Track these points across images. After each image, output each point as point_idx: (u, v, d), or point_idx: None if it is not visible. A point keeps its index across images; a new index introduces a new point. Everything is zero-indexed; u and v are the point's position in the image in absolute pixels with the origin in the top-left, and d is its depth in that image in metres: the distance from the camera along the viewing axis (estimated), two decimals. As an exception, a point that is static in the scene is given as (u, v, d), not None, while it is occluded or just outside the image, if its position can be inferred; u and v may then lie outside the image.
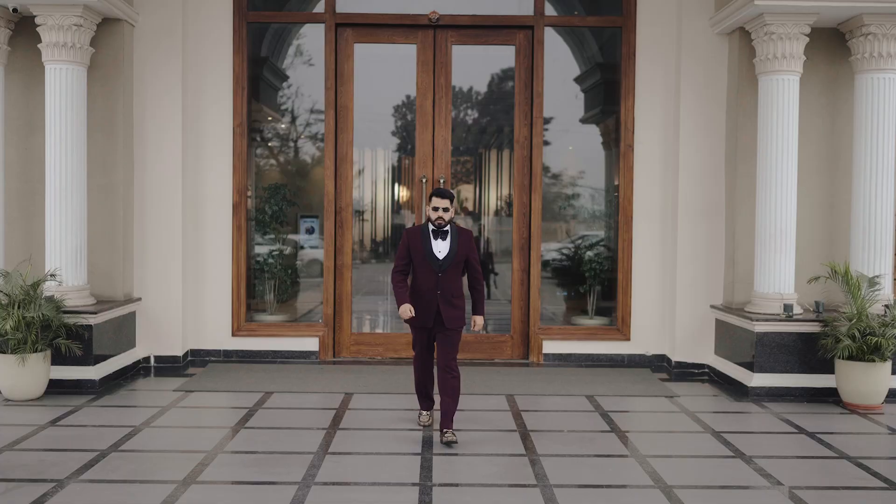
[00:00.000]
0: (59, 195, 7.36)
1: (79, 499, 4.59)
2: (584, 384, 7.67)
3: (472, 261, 5.97)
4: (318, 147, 9.28)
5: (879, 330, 6.73)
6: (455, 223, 6.22)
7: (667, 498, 4.72)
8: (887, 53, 7.39)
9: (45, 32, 7.35)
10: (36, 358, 6.75)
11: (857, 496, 4.84)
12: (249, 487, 4.84)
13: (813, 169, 7.97)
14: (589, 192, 9.27)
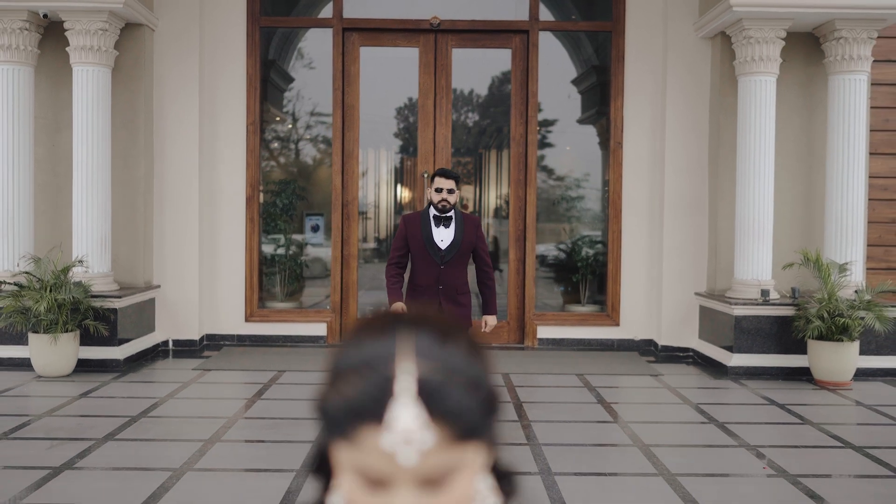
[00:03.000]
0: (85, 188, 7.90)
1: (117, 453, 5.14)
2: (575, 365, 8.20)
3: (481, 251, 5.45)
4: (319, 148, 9.81)
5: (847, 312, 7.26)
6: (460, 209, 5.71)
7: (644, 455, 5.26)
8: (857, 56, 7.92)
9: (73, 37, 7.89)
10: (66, 337, 7.29)
11: (814, 453, 5.38)
12: (268, 444, 5.39)
13: (790, 164, 8.50)
14: (587, 191, 9.78)
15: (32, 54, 8.07)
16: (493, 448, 0.92)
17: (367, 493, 0.86)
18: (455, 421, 0.83)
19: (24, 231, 7.95)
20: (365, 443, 0.84)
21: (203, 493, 4.51)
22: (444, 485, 0.86)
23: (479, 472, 0.89)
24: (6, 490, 4.42)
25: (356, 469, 0.86)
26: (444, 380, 0.84)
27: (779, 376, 7.73)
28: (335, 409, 0.85)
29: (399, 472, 0.83)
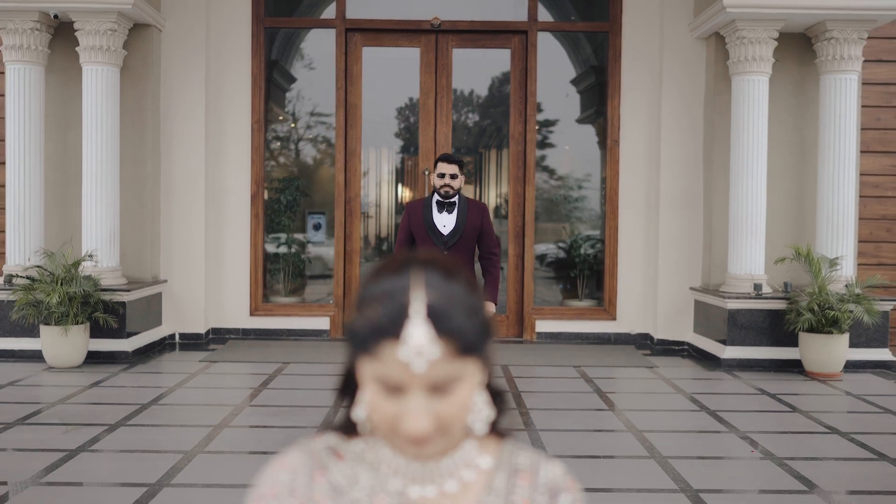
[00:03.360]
0: (94, 185, 8.10)
1: (129, 437, 5.34)
2: (572, 357, 8.40)
3: (487, 237, 5.38)
4: (321, 147, 10.01)
5: (837, 305, 7.46)
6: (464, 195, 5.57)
7: (637, 440, 5.46)
8: (849, 56, 8.12)
9: (83, 37, 8.09)
10: (77, 329, 7.49)
11: (802, 438, 5.58)
12: (274, 430, 5.59)
13: (783, 161, 8.70)
14: (587, 191, 9.97)
15: (43, 54, 8.26)
16: (488, 368, 1.14)
17: (386, 399, 1.07)
18: (456, 338, 1.05)
19: (35, 226, 8.14)
20: (385, 355, 1.05)
21: (213, 473, 4.71)
22: (448, 392, 1.07)
23: (477, 387, 1.10)
24: (25, 470, 4.62)
25: (377, 379, 1.07)
26: (448, 306, 1.06)
27: (771, 368, 7.92)
28: (362, 329, 1.06)
29: (412, 379, 1.04)
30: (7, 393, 6.52)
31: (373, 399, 1.08)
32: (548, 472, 1.18)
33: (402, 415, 1.06)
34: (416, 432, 1.05)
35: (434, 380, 1.05)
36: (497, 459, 1.18)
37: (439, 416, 1.06)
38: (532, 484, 1.16)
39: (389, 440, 1.11)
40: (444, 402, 1.06)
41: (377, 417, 1.09)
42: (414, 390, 1.05)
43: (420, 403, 1.05)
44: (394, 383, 1.05)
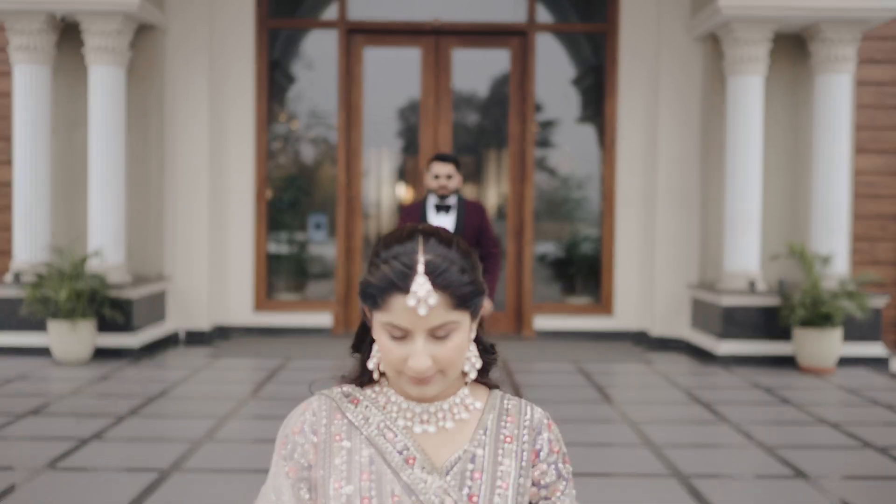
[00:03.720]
0: (100, 183, 8.23)
1: (140, 426, 5.49)
2: (569, 352, 8.55)
3: (486, 237, 5.32)
4: (321, 147, 10.16)
5: (830, 300, 7.60)
6: (463, 195, 5.50)
7: (632, 430, 5.60)
8: (842, 56, 8.26)
9: (89, 38, 8.22)
10: (84, 324, 7.63)
11: (793, 429, 5.72)
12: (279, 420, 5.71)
13: (778, 160, 8.83)
14: (587, 191, 10.11)
15: (50, 54, 8.38)
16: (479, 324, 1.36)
17: (394, 344, 1.29)
18: (451, 291, 1.27)
19: (42, 224, 8.28)
20: (394, 305, 1.27)
21: (221, 460, 4.85)
22: (445, 339, 1.28)
23: (469, 339, 1.27)
24: (39, 457, 4.77)
25: (387, 328, 1.28)
26: (445, 265, 1.27)
27: (766, 363, 8.06)
28: (376, 284, 1.29)
29: (416, 324, 1.26)
30: (16, 386, 6.67)
31: (383, 345, 1.29)
32: (531, 414, 1.41)
33: (407, 357, 1.27)
34: (419, 369, 1.26)
35: (433, 325, 1.26)
36: (487, 403, 1.40)
37: (438, 358, 1.28)
38: (517, 423, 1.38)
39: (396, 382, 1.31)
40: (442, 347, 1.28)
41: (387, 361, 1.30)
42: (417, 335, 1.27)
43: (423, 346, 1.27)
44: (401, 330, 1.27)
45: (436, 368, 1.28)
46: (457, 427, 1.35)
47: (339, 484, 1.30)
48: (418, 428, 1.34)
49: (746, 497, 4.43)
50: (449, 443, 1.34)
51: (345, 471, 1.30)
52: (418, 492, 1.28)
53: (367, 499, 1.27)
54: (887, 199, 9.35)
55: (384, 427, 1.34)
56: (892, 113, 9.32)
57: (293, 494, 1.31)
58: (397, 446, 1.32)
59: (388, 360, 1.29)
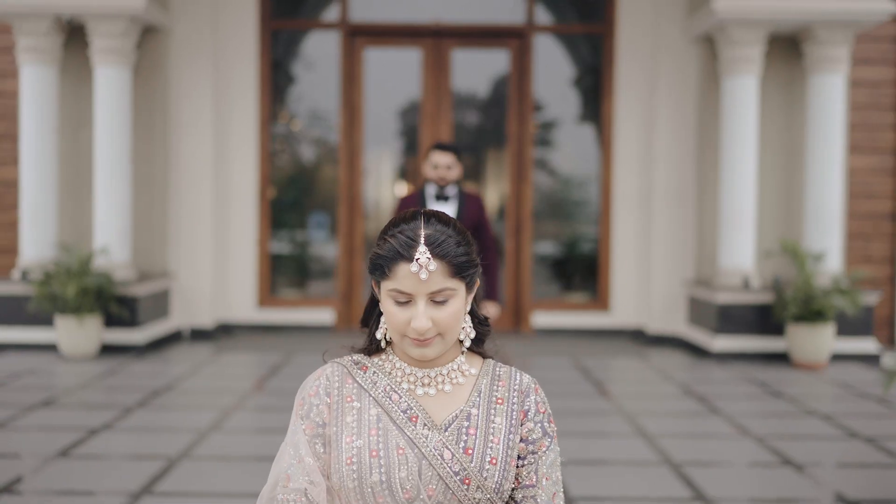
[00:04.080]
0: (106, 182, 8.38)
1: (148, 417, 5.65)
2: (567, 348, 8.70)
3: (484, 232, 5.14)
4: (322, 147, 10.32)
5: (822, 297, 7.75)
6: (462, 187, 5.34)
7: (627, 421, 5.76)
8: (835, 57, 8.41)
9: (95, 39, 8.37)
10: (91, 320, 7.78)
11: (783, 420, 5.88)
12: (283, 412, 5.88)
13: (773, 159, 8.98)
14: (586, 191, 10.27)
15: (57, 55, 8.53)
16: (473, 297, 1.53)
17: (399, 309, 1.47)
18: (448, 261, 1.45)
19: (49, 222, 8.42)
20: (399, 272, 1.45)
21: (228, 448, 5.01)
22: (443, 305, 1.46)
23: (465, 309, 1.43)
24: (52, 445, 4.92)
25: (393, 294, 1.46)
26: (443, 238, 1.46)
27: (760, 359, 8.21)
28: (384, 255, 1.47)
29: (418, 288, 1.44)
30: (26, 380, 6.82)
31: (389, 311, 1.48)
32: (520, 380, 1.59)
33: (410, 320, 1.45)
34: (420, 329, 1.45)
35: (433, 290, 1.44)
36: (481, 370, 1.58)
37: (437, 320, 1.46)
38: (508, 387, 1.56)
39: (400, 346, 1.47)
40: (441, 311, 1.46)
41: (392, 326, 1.47)
42: (419, 299, 1.45)
43: (423, 309, 1.45)
44: (405, 295, 1.45)
45: (435, 331, 1.46)
46: (454, 390, 1.53)
47: (350, 439, 1.46)
48: (420, 390, 1.52)
49: (735, 483, 4.58)
50: (447, 403, 1.51)
51: (355, 427, 1.47)
52: (420, 445, 1.45)
53: (374, 451, 1.44)
54: (881, 197, 9.49)
55: (390, 390, 1.52)
56: (886, 113, 9.47)
57: (310, 449, 1.48)
58: (401, 406, 1.49)
59: (393, 325, 1.48)
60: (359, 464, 1.43)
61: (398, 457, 1.44)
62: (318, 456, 1.48)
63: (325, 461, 1.48)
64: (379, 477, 1.42)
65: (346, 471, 1.44)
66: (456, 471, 1.44)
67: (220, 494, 4.26)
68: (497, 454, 1.47)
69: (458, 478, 1.43)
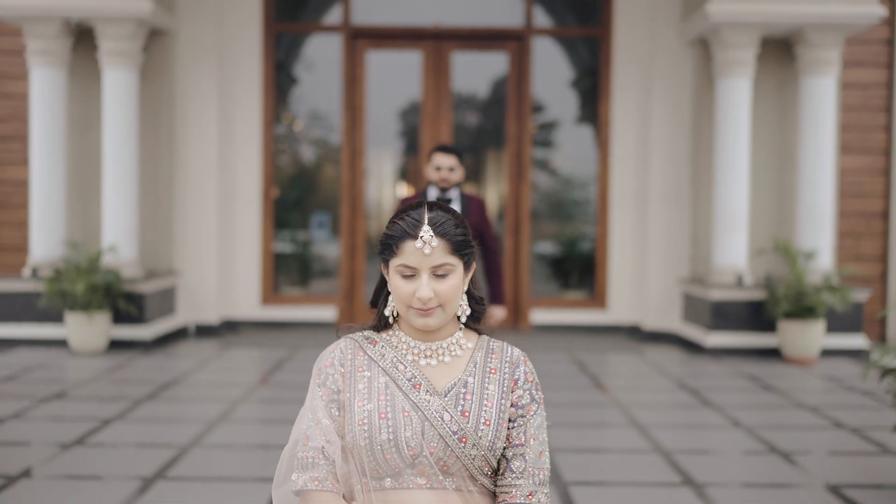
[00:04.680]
0: (114, 181, 8.58)
1: (159, 409, 5.85)
2: (565, 344, 8.90)
3: (486, 235, 5.15)
4: (323, 148, 10.53)
5: (813, 293, 7.95)
6: (464, 189, 5.29)
7: (621, 413, 5.95)
8: (826, 60, 8.60)
9: (104, 42, 8.57)
10: (100, 316, 7.98)
11: (771, 411, 6.07)
12: (288, 403, 6.08)
13: (766, 159, 9.18)
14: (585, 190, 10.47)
15: (65, 58, 8.73)
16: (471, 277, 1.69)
17: (404, 283, 1.68)
18: (448, 239, 1.67)
19: (58, 221, 8.62)
20: (406, 249, 1.66)
21: (237, 437, 5.21)
22: (444, 277, 1.68)
23: (463, 287, 1.63)
24: (66, 434, 5.12)
25: (400, 269, 1.68)
26: (444, 220, 1.67)
27: (752, 354, 8.41)
28: (393, 235, 1.69)
29: (422, 262, 1.66)
30: (37, 374, 7.01)
31: (396, 285, 1.69)
32: (510, 353, 1.80)
33: (415, 291, 1.66)
34: (424, 298, 1.66)
35: (435, 264, 1.66)
36: (477, 345, 1.80)
37: (438, 291, 1.67)
38: (500, 359, 1.77)
39: (405, 317, 1.66)
40: (442, 284, 1.68)
41: (398, 298, 1.67)
42: (423, 272, 1.66)
43: (426, 281, 1.66)
44: (411, 269, 1.67)
45: (436, 302, 1.67)
46: (453, 361, 1.74)
47: (361, 403, 1.67)
48: (423, 361, 1.73)
49: (723, 469, 4.78)
50: (447, 373, 1.73)
51: (366, 393, 1.67)
52: (423, 408, 1.65)
53: (383, 414, 1.64)
54: (872, 197, 9.69)
55: (396, 361, 1.73)
56: (877, 114, 9.66)
57: (326, 412, 1.68)
58: (406, 375, 1.70)
59: (400, 297, 1.69)
60: (369, 425, 1.64)
61: (404, 419, 1.64)
62: (333, 418, 1.68)
63: (339, 423, 1.68)
64: (387, 436, 1.63)
65: (359, 431, 1.64)
66: (454, 430, 1.64)
67: (230, 479, 4.46)
68: (490, 416, 1.67)
69: (455, 437, 1.64)
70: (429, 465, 1.64)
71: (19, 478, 4.38)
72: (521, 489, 1.67)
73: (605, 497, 4.26)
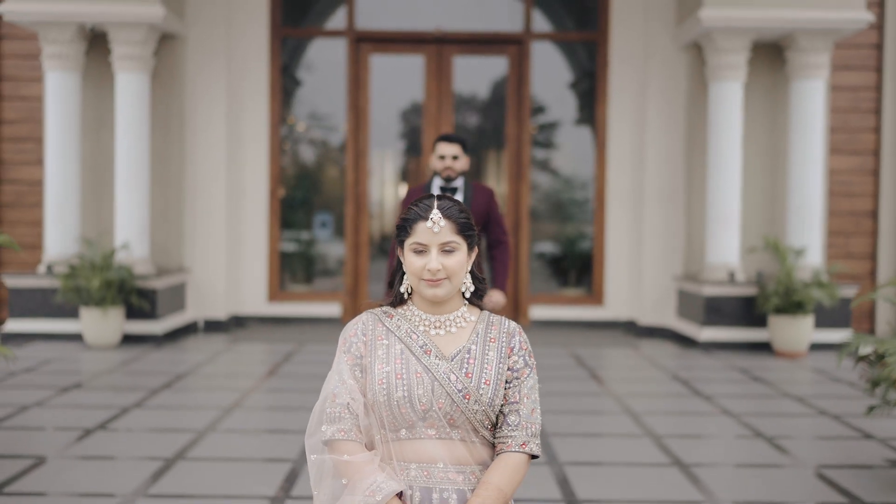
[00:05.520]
0: (126, 181, 8.86)
1: (174, 397, 6.14)
2: (563, 339, 9.19)
3: (496, 224, 5.08)
4: (327, 149, 10.83)
5: (801, 289, 8.25)
6: (469, 179, 5.18)
7: (616, 401, 6.25)
8: (816, 64, 8.90)
9: (116, 47, 8.86)
10: (114, 311, 8.27)
11: (758, 400, 6.37)
12: (296, 392, 6.38)
13: (757, 160, 9.47)
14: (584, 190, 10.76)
15: (79, 62, 9.01)
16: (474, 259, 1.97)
17: (417, 258, 1.97)
18: (453, 220, 1.97)
19: (72, 219, 8.91)
20: (419, 229, 1.96)
21: (250, 422, 5.50)
22: (451, 253, 1.97)
23: (467, 266, 1.92)
24: (88, 420, 5.41)
25: (413, 246, 1.97)
26: (450, 206, 1.97)
27: (744, 348, 8.70)
28: (409, 218, 1.98)
29: (432, 240, 1.95)
30: (55, 366, 7.31)
31: (410, 261, 1.99)
32: (507, 325, 2.12)
33: (426, 265, 1.97)
34: (433, 269, 1.96)
35: (443, 241, 1.96)
36: (479, 318, 2.11)
37: (445, 265, 1.97)
38: (499, 330, 2.09)
39: (417, 289, 1.96)
40: (449, 258, 1.98)
41: (411, 272, 1.98)
42: (432, 248, 1.96)
43: (436, 255, 1.96)
44: (422, 245, 1.97)
45: (444, 274, 1.97)
46: (458, 332, 2.05)
47: (381, 366, 1.96)
48: (433, 331, 2.04)
49: (710, 452, 5.07)
50: (453, 341, 2.03)
51: (385, 358, 1.97)
52: (433, 370, 1.95)
53: (399, 374, 1.94)
54: (861, 196, 9.98)
55: (410, 331, 2.02)
56: (866, 116, 9.96)
57: (350, 374, 1.98)
58: (419, 342, 1.99)
59: (413, 270, 1.99)
60: (388, 384, 1.93)
61: (416, 379, 1.94)
62: (356, 379, 1.98)
63: (361, 383, 1.98)
64: (402, 393, 1.93)
65: (378, 389, 1.94)
66: (459, 389, 1.94)
67: (245, 459, 4.75)
68: (490, 377, 1.97)
69: (460, 394, 1.93)
70: (437, 418, 1.93)
71: (48, 458, 4.67)
72: (516, 439, 1.97)
73: (599, 476, 4.55)
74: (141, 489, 4.22)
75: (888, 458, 4.92)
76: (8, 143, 9.78)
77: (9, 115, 9.78)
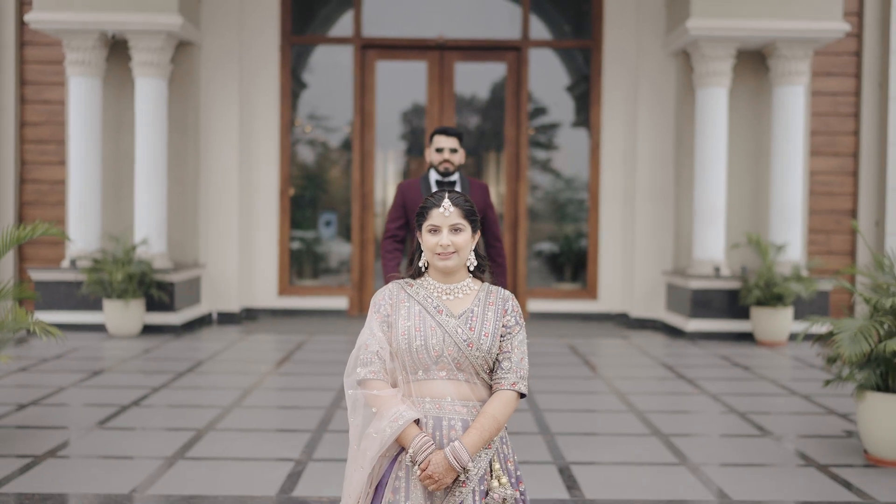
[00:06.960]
0: (145, 181, 9.39)
1: (197, 380, 6.68)
2: (559, 330, 9.72)
3: (489, 221, 4.83)
4: (332, 150, 11.37)
5: (781, 283, 8.78)
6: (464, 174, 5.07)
7: (606, 385, 6.78)
8: (797, 71, 9.43)
9: (136, 53, 9.39)
10: (136, 303, 8.80)
11: (737, 382, 6.90)
12: (309, 376, 6.91)
13: (741, 161, 10.01)
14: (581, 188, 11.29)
15: (101, 68, 9.53)
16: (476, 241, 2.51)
17: (431, 236, 2.50)
18: (460, 206, 2.51)
19: (94, 217, 9.43)
20: (433, 214, 2.49)
21: (268, 400, 6.04)
22: (458, 232, 2.50)
23: (471, 245, 2.46)
24: (124, 399, 5.94)
25: (428, 227, 2.50)
26: (457, 197, 2.50)
27: (728, 338, 9.23)
28: (426, 206, 2.51)
29: (444, 222, 2.48)
30: (82, 353, 7.84)
31: (426, 240, 2.52)
32: (503, 293, 2.63)
33: (438, 241, 2.49)
34: (444, 243, 2.48)
35: (452, 223, 2.48)
36: (481, 287, 2.60)
37: (454, 241, 2.50)
38: (496, 296, 2.61)
39: (431, 262, 2.49)
40: (457, 236, 2.50)
41: (427, 248, 2.50)
42: (444, 228, 2.49)
43: (446, 234, 2.49)
44: (435, 226, 2.49)
45: (452, 248, 2.49)
46: (464, 297, 2.58)
47: (403, 322, 2.49)
48: (444, 297, 2.57)
49: (687, 425, 5.59)
50: (460, 304, 2.55)
51: (406, 315, 2.50)
52: (444, 325, 2.48)
53: (418, 328, 2.47)
54: (841, 196, 10.51)
55: (426, 296, 2.55)
56: (845, 119, 10.48)
57: (379, 328, 2.51)
58: (433, 304, 2.52)
59: (428, 247, 2.51)
60: (408, 335, 2.46)
61: (431, 332, 2.47)
62: (384, 332, 2.51)
63: (388, 336, 2.50)
64: (420, 342, 2.46)
65: (401, 339, 2.47)
66: (464, 339, 2.47)
67: (269, 430, 5.28)
68: (489, 331, 2.50)
69: (465, 343, 2.47)
70: (447, 363, 2.46)
71: (91, 428, 5.20)
72: (508, 380, 2.50)
73: (587, 444, 5.08)
74: (179, 453, 4.75)
75: (845, 430, 5.47)
76: (30, 144, 10.29)
77: (31, 117, 10.30)
